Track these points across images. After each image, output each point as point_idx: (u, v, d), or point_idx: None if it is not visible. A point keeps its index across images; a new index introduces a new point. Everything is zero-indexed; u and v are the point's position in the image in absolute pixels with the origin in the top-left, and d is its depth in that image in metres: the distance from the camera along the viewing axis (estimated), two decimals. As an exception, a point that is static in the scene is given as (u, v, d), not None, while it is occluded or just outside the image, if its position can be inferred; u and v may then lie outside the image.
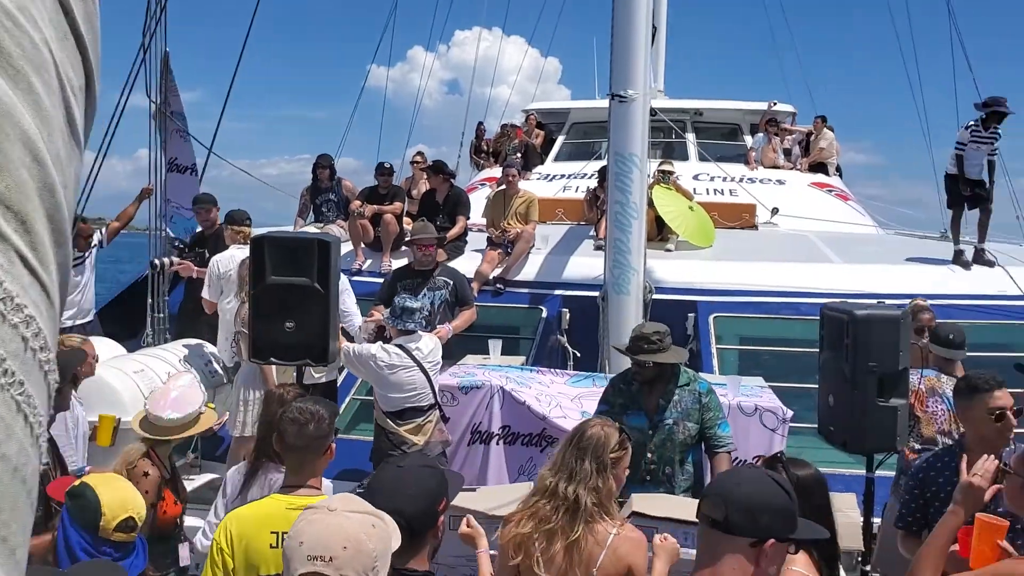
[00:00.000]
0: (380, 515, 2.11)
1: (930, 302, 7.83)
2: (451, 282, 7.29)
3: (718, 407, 5.04)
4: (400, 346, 5.86)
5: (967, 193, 8.96)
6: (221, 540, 3.09)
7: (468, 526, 3.46)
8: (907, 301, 7.10)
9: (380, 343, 6.00)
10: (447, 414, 5.96)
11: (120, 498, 3.28)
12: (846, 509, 4.55)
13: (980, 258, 9.00)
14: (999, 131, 8.80)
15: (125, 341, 7.96)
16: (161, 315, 8.52)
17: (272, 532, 3.04)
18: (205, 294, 7.24)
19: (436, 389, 5.86)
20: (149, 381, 6.23)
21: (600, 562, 3.20)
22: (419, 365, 5.78)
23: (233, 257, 6.98)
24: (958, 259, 9.05)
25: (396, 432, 5.73)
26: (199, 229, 8.88)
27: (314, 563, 1.98)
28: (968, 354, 6.13)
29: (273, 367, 6.01)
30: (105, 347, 6.70)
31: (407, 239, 7.63)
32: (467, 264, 8.86)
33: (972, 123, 8.82)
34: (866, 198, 15.31)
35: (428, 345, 5.93)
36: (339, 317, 5.60)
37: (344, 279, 6.41)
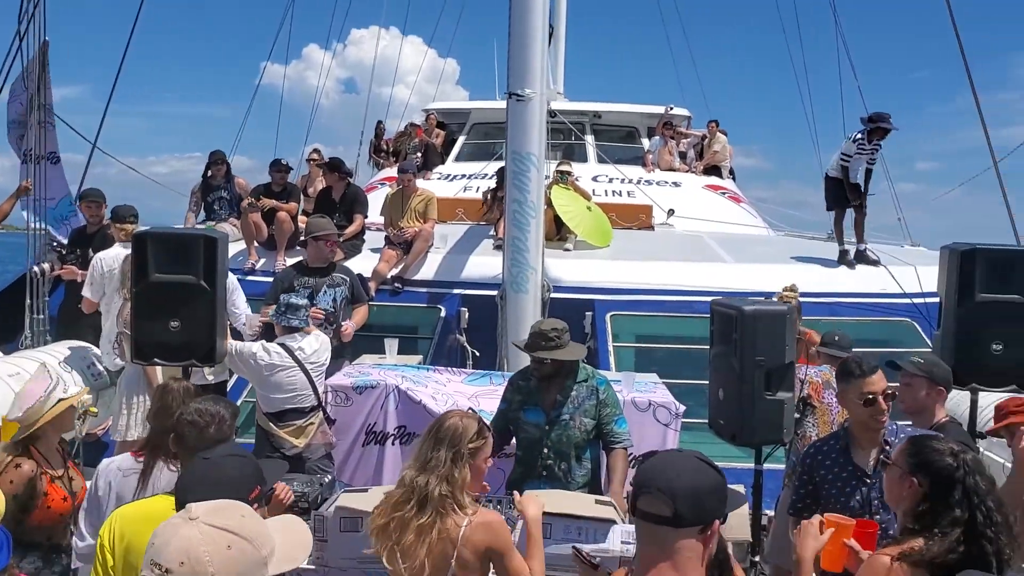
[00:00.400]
0: (249, 536, 1.95)
1: (816, 299, 8.13)
2: (348, 279, 7.20)
3: (616, 403, 5.07)
4: (283, 345, 5.73)
5: (856, 203, 9.36)
6: (104, 538, 2.98)
7: None
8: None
9: (263, 342, 5.85)
10: (340, 415, 5.84)
11: None
12: (734, 501, 4.64)
13: (863, 257, 9.38)
14: (880, 144, 9.22)
15: (2, 344, 7.58)
16: (40, 316, 8.12)
17: None
18: (86, 292, 6.91)
19: (320, 390, 5.74)
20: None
21: (456, 555, 3.21)
22: (300, 365, 5.65)
23: (117, 256, 6.70)
24: (843, 259, 9.40)
25: (276, 434, 5.59)
26: (82, 225, 8.48)
27: (152, 570, 1.86)
28: (853, 351, 6.37)
29: (158, 369, 5.78)
30: (-24, 350, 6.36)
31: (306, 234, 7.48)
32: (365, 263, 8.74)
33: (859, 136, 9.18)
34: (757, 200, 15.78)
35: (312, 345, 5.79)
36: (227, 316, 5.43)
37: (232, 277, 6.23)
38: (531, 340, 4.95)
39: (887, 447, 3.87)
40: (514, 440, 5.03)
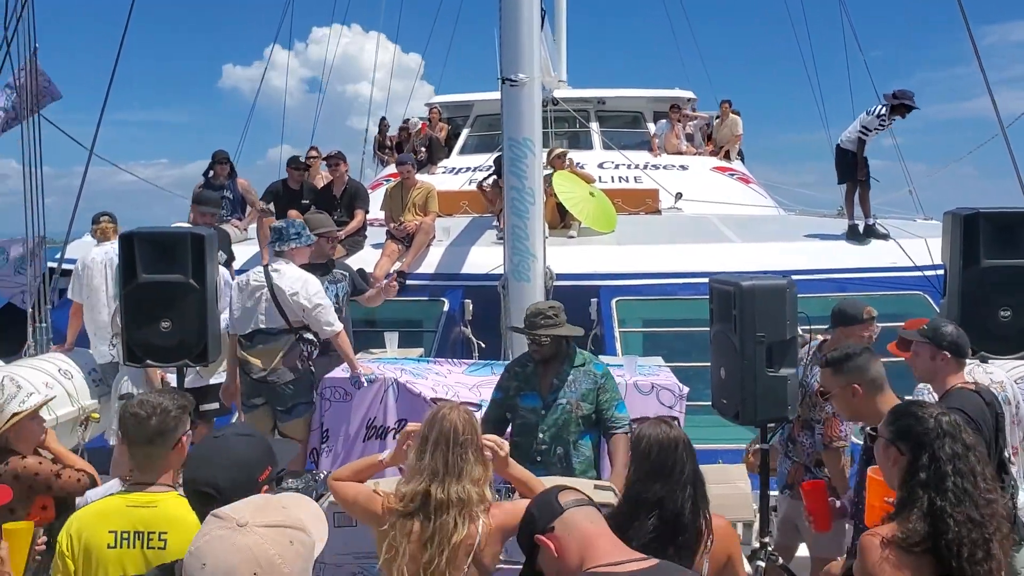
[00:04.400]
0: (301, 526, 1.85)
1: (826, 276, 7.99)
2: (347, 275, 7.15)
3: (615, 388, 4.97)
4: (265, 267, 5.89)
5: (862, 177, 9.21)
6: (63, 542, 2.90)
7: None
8: (804, 277, 7.20)
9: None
10: (339, 410, 5.78)
11: None
12: (736, 481, 4.54)
13: (873, 232, 9.20)
14: (895, 120, 9.11)
15: (7, 356, 7.54)
16: (43, 325, 8.09)
17: (110, 531, 2.85)
18: (71, 295, 6.94)
19: (293, 319, 5.81)
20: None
21: (472, 558, 3.13)
22: (270, 286, 5.74)
23: (90, 252, 6.80)
24: (852, 233, 9.24)
25: (242, 358, 5.77)
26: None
27: None
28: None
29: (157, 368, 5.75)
30: (-25, 360, 6.34)
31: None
32: (367, 259, 8.67)
33: (882, 110, 9.01)
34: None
35: (292, 272, 5.87)
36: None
37: (225, 272, 6.19)
38: (529, 320, 4.88)
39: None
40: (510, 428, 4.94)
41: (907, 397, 4.22)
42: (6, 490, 3.58)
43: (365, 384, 5.78)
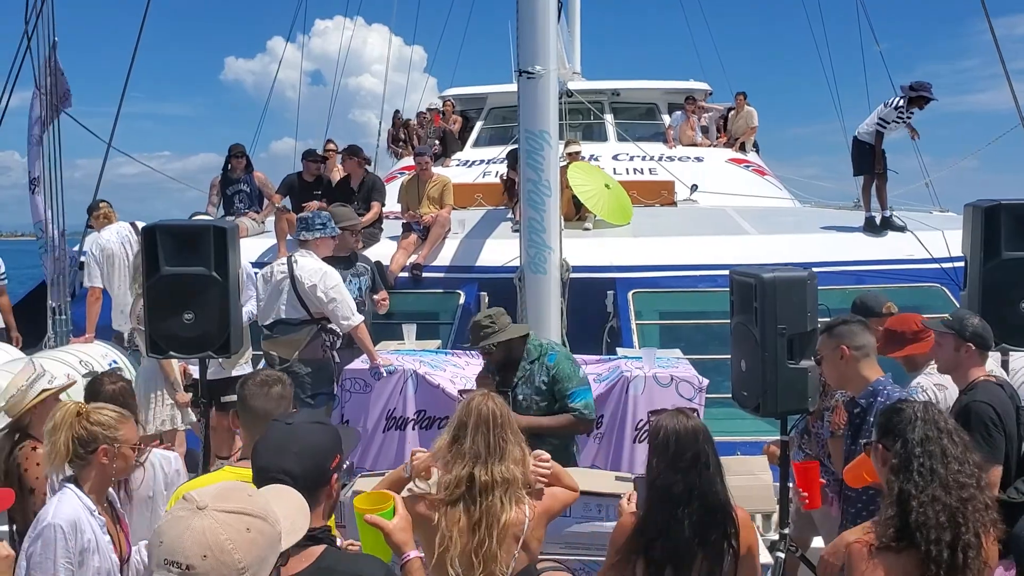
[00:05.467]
0: (263, 515, 1.85)
1: (843, 268, 7.97)
2: (369, 268, 7.18)
3: (570, 376, 5.02)
4: (289, 257, 6.03)
5: (879, 170, 9.18)
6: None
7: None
8: (822, 269, 7.17)
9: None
10: (359, 401, 5.81)
11: None
12: (758, 471, 4.54)
13: (890, 224, 9.17)
14: (913, 113, 9.08)
15: (28, 349, 7.61)
16: (63, 317, 8.16)
17: None
18: (93, 283, 7.01)
19: (314, 309, 5.93)
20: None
21: (521, 544, 3.17)
22: (292, 277, 5.85)
23: (102, 238, 6.89)
24: (869, 226, 9.21)
25: (265, 350, 5.93)
26: None
27: (168, 569, 1.75)
28: None
29: (174, 361, 5.80)
30: (-1, 352, 6.39)
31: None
32: (383, 251, 8.70)
33: (899, 102, 8.98)
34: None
35: (310, 264, 5.98)
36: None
37: (248, 265, 6.23)
38: (471, 335, 5.03)
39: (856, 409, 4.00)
40: None
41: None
42: (9, 494, 3.52)
43: (385, 375, 5.81)
